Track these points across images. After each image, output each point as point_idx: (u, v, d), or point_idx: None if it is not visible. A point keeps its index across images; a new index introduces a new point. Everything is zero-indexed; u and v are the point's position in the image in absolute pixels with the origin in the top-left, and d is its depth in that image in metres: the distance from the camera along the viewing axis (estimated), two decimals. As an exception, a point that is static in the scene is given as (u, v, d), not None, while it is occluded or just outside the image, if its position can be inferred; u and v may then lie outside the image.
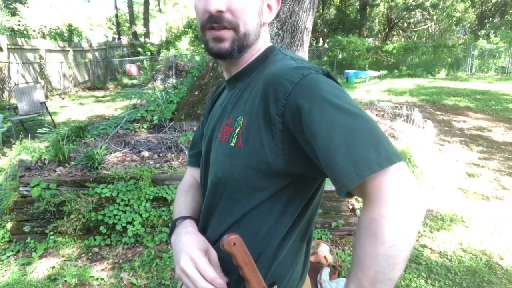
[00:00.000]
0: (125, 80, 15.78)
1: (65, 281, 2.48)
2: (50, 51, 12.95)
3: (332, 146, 0.59)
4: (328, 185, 0.86)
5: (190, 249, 0.73)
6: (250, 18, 0.77)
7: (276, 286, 0.76)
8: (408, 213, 0.57)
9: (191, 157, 1.04)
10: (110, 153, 3.46)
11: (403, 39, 23.96)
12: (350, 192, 0.60)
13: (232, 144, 0.74)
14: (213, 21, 0.75)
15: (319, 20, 22.99)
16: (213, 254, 0.75)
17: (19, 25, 16.53)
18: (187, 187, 0.99)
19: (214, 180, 0.78)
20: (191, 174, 1.03)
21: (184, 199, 0.95)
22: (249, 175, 0.72)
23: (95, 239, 2.88)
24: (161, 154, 3.49)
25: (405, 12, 24.33)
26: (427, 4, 23.44)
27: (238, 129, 0.74)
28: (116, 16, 24.68)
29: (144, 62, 16.65)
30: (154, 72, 14.96)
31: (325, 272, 1.09)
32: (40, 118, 7.29)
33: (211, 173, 0.81)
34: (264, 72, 0.77)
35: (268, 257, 0.75)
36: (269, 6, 0.83)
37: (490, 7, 25.16)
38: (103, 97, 12.43)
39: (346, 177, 0.58)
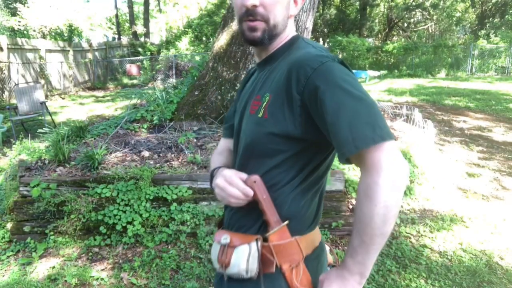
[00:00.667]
0: (125, 80, 15.78)
1: (65, 281, 2.48)
2: (50, 51, 12.95)
3: (338, 121, 0.75)
4: (328, 186, 0.94)
5: (224, 172, 0.93)
6: (279, 12, 0.93)
7: (288, 221, 0.91)
8: (395, 180, 0.73)
9: (225, 129, 1.23)
10: (110, 153, 3.46)
11: (403, 39, 23.94)
12: (349, 159, 0.77)
13: (260, 115, 0.91)
14: (249, 14, 0.92)
15: (319, 20, 22.98)
16: (244, 175, 0.91)
17: (19, 25, 16.52)
18: (221, 151, 1.18)
19: (245, 144, 0.96)
20: (224, 143, 1.21)
21: (218, 158, 1.15)
22: (272, 140, 0.88)
23: (95, 239, 2.88)
24: (161, 154, 3.49)
25: (405, 12, 24.31)
26: (427, 4, 23.42)
27: (264, 103, 0.90)
28: (116, 16, 24.66)
29: (144, 62, 16.64)
30: (154, 72, 14.96)
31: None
32: (40, 118, 7.29)
33: (243, 139, 0.98)
34: (289, 57, 0.92)
35: (283, 200, 0.92)
36: (295, 1, 0.98)
37: (490, 7, 25.15)
38: (103, 97, 12.44)
39: (346, 147, 0.74)
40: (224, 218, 1.08)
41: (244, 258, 0.88)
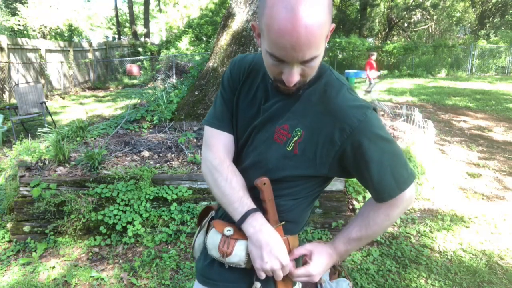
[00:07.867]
0: (126, 80, 15.78)
1: (65, 281, 2.48)
2: (50, 51, 12.96)
3: (382, 168, 0.88)
4: (329, 186, 1.00)
5: (273, 240, 0.91)
6: (316, 68, 0.87)
7: (284, 222, 0.98)
8: (407, 208, 0.97)
9: (221, 121, 1.04)
10: (110, 153, 3.46)
11: (403, 39, 23.94)
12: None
13: (289, 148, 0.93)
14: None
15: (319, 20, 22.91)
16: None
17: (19, 25, 16.53)
18: (232, 169, 1.00)
19: (258, 162, 0.97)
20: (223, 144, 1.03)
21: (237, 181, 0.98)
22: (296, 174, 0.94)
23: (95, 239, 2.88)
24: (161, 154, 3.49)
25: (405, 12, 24.31)
26: (427, 4, 23.42)
27: (296, 138, 0.93)
28: (117, 16, 24.66)
29: (144, 62, 16.65)
30: (154, 72, 14.96)
31: (325, 272, 1.09)
32: (40, 118, 7.29)
33: (254, 156, 0.98)
34: (326, 98, 0.91)
35: (288, 208, 0.99)
36: (326, 38, 0.85)
37: (490, 7, 25.13)
38: (103, 97, 12.44)
39: (392, 190, 0.90)
40: (221, 209, 1.08)
41: (245, 250, 0.96)
